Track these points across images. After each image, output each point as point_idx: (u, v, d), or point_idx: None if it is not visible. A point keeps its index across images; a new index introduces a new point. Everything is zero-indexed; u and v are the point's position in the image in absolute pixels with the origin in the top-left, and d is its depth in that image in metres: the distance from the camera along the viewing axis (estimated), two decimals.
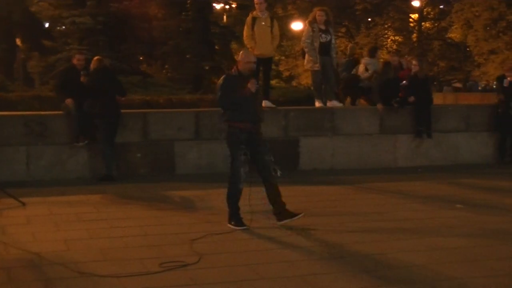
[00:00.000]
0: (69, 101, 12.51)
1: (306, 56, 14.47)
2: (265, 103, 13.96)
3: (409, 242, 7.88)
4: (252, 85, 8.40)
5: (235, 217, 8.55)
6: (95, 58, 12.88)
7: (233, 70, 8.78)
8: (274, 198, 8.69)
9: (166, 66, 36.40)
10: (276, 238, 8.05)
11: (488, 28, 38.41)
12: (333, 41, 14.83)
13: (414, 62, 15.31)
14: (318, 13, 14.46)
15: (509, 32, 37.72)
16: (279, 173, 8.74)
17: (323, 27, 14.39)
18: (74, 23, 32.06)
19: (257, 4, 14.07)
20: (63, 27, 33.99)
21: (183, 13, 35.11)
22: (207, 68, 35.56)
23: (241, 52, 8.96)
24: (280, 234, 8.23)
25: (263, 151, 8.66)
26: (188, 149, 13.34)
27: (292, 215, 8.62)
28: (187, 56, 34.92)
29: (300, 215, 8.60)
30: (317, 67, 14.35)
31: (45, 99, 20.73)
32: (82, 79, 12.53)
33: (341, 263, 6.98)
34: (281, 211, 8.67)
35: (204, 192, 11.16)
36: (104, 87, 12.31)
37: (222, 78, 8.73)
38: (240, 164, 8.50)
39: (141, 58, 37.88)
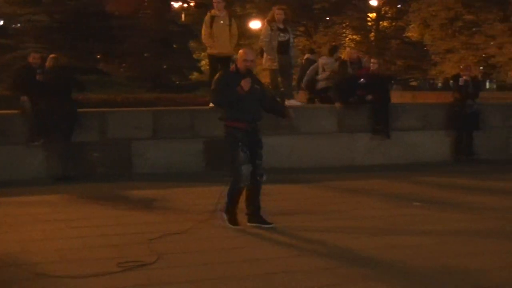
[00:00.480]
0: (24, 98, 12.37)
1: (265, 55, 14.44)
2: None
3: (368, 240, 7.90)
4: (245, 84, 8.18)
5: (230, 213, 8.54)
6: (51, 56, 12.73)
7: (232, 68, 8.75)
8: (253, 199, 8.55)
9: (124, 65, 36.20)
10: (236, 237, 8.03)
11: (444, 27, 38.82)
12: (291, 40, 14.85)
13: (373, 60, 15.37)
14: (276, 12, 14.45)
15: (465, 32, 38.18)
16: (264, 177, 8.50)
17: (281, 26, 14.40)
18: (30, 21, 31.75)
19: (215, 3, 14.04)
20: (19, 24, 33.63)
21: (141, 12, 34.95)
22: (165, 67, 35.46)
23: (240, 50, 8.71)
24: (240, 233, 8.20)
25: (257, 153, 8.49)
26: (146, 148, 13.25)
27: (263, 221, 8.49)
28: (145, 54, 34.82)
29: (271, 225, 8.43)
30: (275, 66, 14.35)
31: (0, 98, 20.46)
32: (37, 77, 12.38)
33: (302, 262, 6.97)
34: (254, 213, 8.55)
35: (162, 192, 11.10)
36: (60, 85, 12.18)
37: (218, 74, 8.79)
38: (240, 162, 8.28)
39: (98, 56, 37.59)
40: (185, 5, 49.12)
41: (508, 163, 14.87)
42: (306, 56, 18.72)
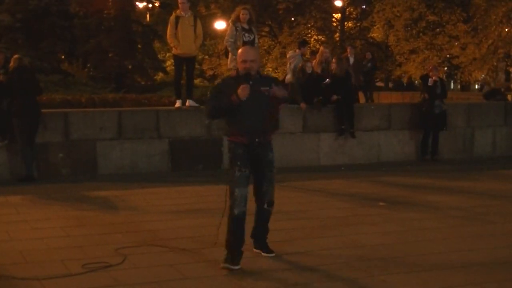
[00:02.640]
0: None
1: (230, 55, 14.42)
2: (188, 103, 13.94)
3: (332, 240, 7.94)
4: (242, 91, 6.71)
5: (229, 247, 6.89)
6: (15, 56, 12.60)
7: (232, 73, 7.48)
8: (258, 230, 7.38)
9: (88, 65, 35.99)
10: (205, 236, 8.00)
11: (408, 28, 39.04)
12: (256, 40, 14.85)
13: (333, 60, 15.44)
14: (241, 12, 14.44)
15: (429, 32, 38.44)
16: (271, 207, 7.27)
17: (246, 26, 14.37)
18: None
19: (180, 3, 14.00)
20: None
21: (105, 11, 34.78)
22: (129, 67, 35.31)
23: (239, 50, 7.36)
24: (205, 234, 8.18)
25: (264, 174, 7.23)
26: (110, 149, 13.18)
27: (268, 250, 7.30)
28: (109, 54, 34.66)
29: (272, 255, 7.22)
30: None
31: None
32: (0, 77, 12.25)
33: (266, 262, 6.98)
34: (260, 240, 7.37)
35: (126, 192, 11.06)
36: (23, 86, 12.07)
37: (220, 79, 7.81)
38: (234, 183, 6.90)
39: (62, 56, 37.36)
40: (150, 5, 49.01)
41: (472, 163, 15.05)
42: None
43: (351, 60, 19.46)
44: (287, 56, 16.21)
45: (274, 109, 7.19)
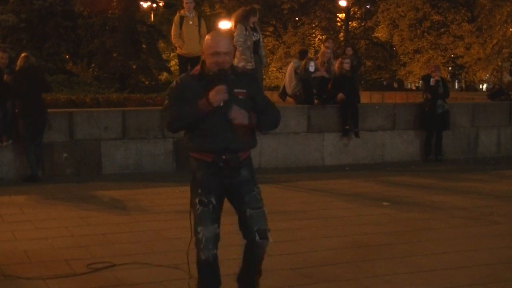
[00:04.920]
0: None
1: (237, 54, 14.40)
2: None
3: (335, 240, 7.94)
4: (217, 95, 5.01)
5: None
6: (22, 55, 12.58)
7: (195, 69, 5.46)
8: (246, 273, 5.48)
9: (92, 65, 36.01)
10: None
11: (412, 28, 39.06)
12: (261, 39, 14.87)
13: (346, 61, 15.44)
14: (253, 14, 14.48)
15: (433, 32, 38.48)
16: (265, 238, 5.29)
17: (252, 25, 14.41)
18: None
19: (185, 3, 14.03)
20: None
21: (109, 11, 34.80)
22: (134, 67, 35.32)
23: (206, 37, 5.47)
24: None
25: (243, 200, 5.27)
26: (114, 149, 13.19)
27: None
28: (114, 54, 34.65)
29: None
30: (250, 65, 14.32)
31: None
32: (5, 77, 12.26)
33: (268, 261, 6.97)
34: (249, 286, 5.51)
35: (131, 192, 11.08)
36: (30, 85, 12.08)
37: (174, 81, 5.48)
38: (197, 221, 5.27)
39: (66, 56, 37.39)
40: (154, 5, 49.03)
41: (476, 163, 15.04)
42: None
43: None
44: (291, 64, 16.14)
45: (250, 118, 5.19)
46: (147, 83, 36.31)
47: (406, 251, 7.42)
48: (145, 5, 46.37)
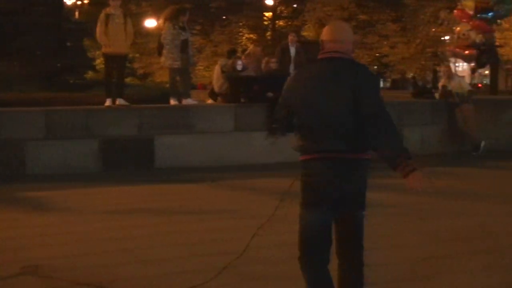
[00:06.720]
0: None
1: (165, 53, 14.34)
2: (119, 101, 13.82)
3: (265, 239, 7.92)
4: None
5: None
6: None
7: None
8: None
9: (16, 63, 35.36)
10: (135, 237, 7.95)
11: None
12: (189, 38, 14.83)
13: (273, 60, 15.50)
14: (182, 13, 14.47)
15: (359, 31, 38.94)
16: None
17: (181, 24, 14.38)
18: None
19: (111, 1, 13.88)
20: None
21: (33, 8, 34.23)
22: (59, 65, 34.84)
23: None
24: (147, 233, 8.12)
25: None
26: (40, 149, 12.96)
27: None
28: (38, 52, 34.09)
29: None
30: (177, 64, 14.31)
31: None
32: None
33: (200, 261, 6.96)
34: None
35: (58, 193, 10.89)
36: None
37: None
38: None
39: None
40: (79, 2, 48.43)
41: None
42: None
43: (292, 51, 17.34)
44: (218, 63, 16.14)
45: None
46: (72, 81, 35.88)
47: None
48: (69, 2, 45.78)
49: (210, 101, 16.53)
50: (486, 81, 44.77)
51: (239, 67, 14.76)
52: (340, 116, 4.72)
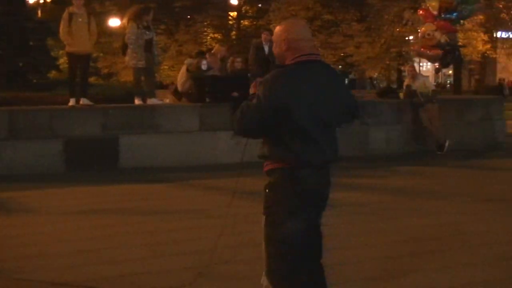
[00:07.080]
0: None
1: (129, 52, 14.27)
2: (82, 101, 13.70)
3: (233, 238, 7.90)
4: None
5: None
6: None
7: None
8: None
9: None
10: (100, 238, 7.86)
11: None
12: (154, 38, 14.78)
13: (238, 59, 15.47)
14: (147, 12, 14.43)
15: (324, 31, 39.06)
16: None
17: (145, 24, 14.31)
18: None
19: (74, 0, 13.77)
20: None
21: None
22: (21, 64, 34.49)
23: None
24: (113, 233, 8.04)
25: None
26: (2, 149, 12.79)
27: None
28: (0, 52, 33.71)
29: None
30: (141, 64, 14.26)
31: None
32: None
33: (166, 261, 6.91)
34: None
35: (20, 194, 10.75)
36: None
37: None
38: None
39: None
40: (41, 1, 47.98)
41: (368, 160, 15.25)
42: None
43: (266, 50, 16.10)
44: (185, 63, 16.06)
45: None
46: (35, 81, 35.55)
47: None
48: (31, 0, 45.35)
49: (168, 100, 16.49)
50: (450, 80, 45.23)
51: (204, 67, 14.71)
52: (336, 123, 5.02)
